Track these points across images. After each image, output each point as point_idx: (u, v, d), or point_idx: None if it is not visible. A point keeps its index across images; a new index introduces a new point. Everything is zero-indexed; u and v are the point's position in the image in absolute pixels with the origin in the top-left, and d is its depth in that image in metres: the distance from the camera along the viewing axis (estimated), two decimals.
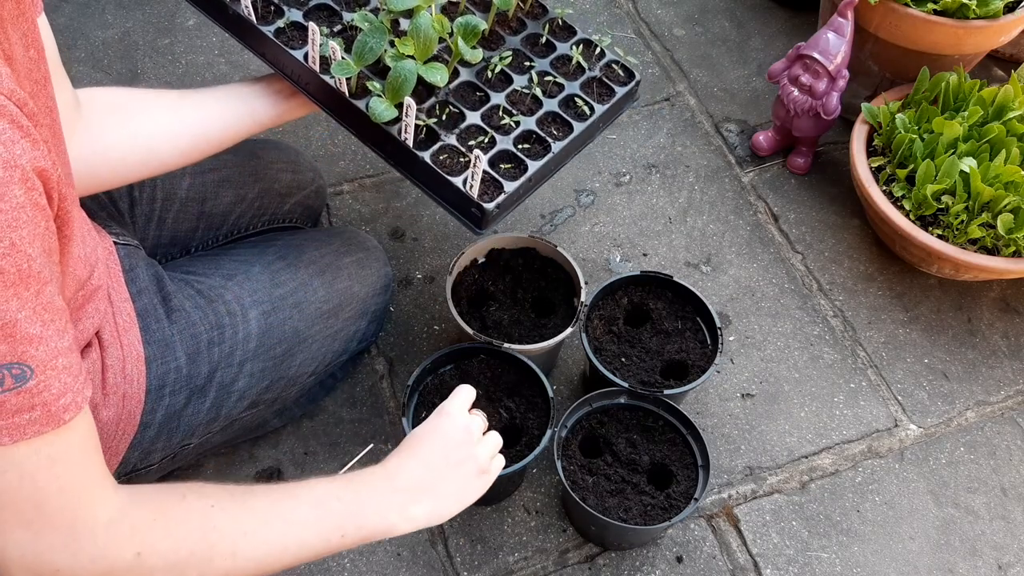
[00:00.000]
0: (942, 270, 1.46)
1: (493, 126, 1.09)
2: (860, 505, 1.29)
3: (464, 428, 0.94)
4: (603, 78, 1.16)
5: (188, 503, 0.74)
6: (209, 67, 1.74)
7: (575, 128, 1.10)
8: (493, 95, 1.11)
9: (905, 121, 1.44)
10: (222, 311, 1.07)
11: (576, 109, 1.13)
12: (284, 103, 1.10)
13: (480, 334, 1.22)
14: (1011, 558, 1.26)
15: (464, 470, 0.93)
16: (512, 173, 1.06)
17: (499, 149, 1.07)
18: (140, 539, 0.70)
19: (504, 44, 1.16)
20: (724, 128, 1.72)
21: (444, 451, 0.92)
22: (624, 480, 1.16)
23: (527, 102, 1.12)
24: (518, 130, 1.09)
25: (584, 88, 1.15)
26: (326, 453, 1.30)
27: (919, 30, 1.45)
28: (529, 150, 1.08)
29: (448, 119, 1.08)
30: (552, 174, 1.12)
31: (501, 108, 1.11)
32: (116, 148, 1.00)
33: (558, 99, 1.13)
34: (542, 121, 1.11)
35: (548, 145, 1.08)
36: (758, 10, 1.91)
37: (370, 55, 1.01)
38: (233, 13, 1.07)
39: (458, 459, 0.92)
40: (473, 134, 1.08)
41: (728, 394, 1.39)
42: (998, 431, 1.38)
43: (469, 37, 1.06)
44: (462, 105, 1.09)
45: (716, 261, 1.53)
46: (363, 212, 1.56)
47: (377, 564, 1.21)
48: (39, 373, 0.61)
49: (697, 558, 1.23)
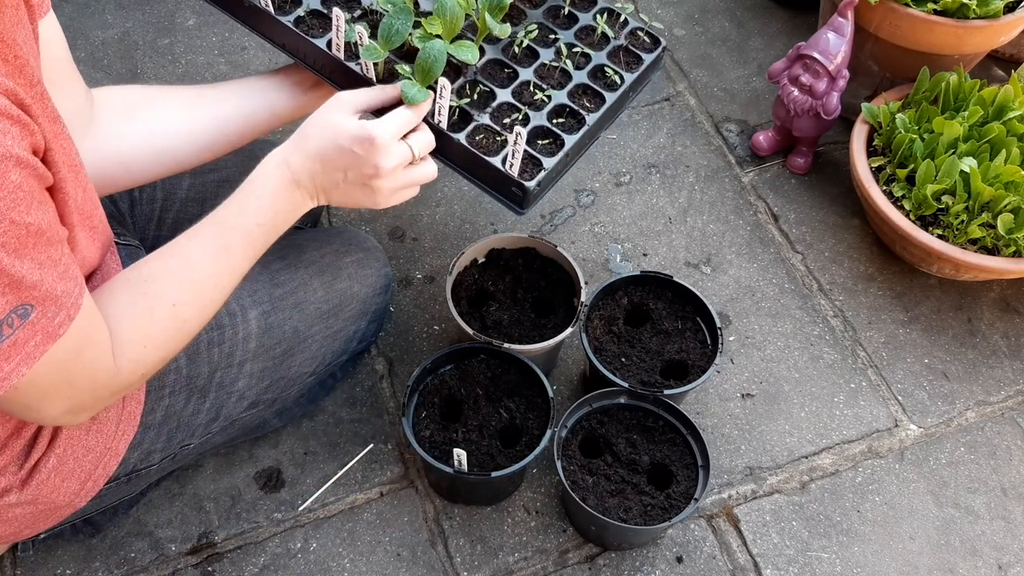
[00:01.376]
0: (942, 270, 1.46)
1: (525, 102, 1.07)
2: (860, 505, 1.29)
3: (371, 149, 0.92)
4: (629, 46, 1.15)
5: (158, 315, 0.88)
6: (209, 67, 1.74)
7: (607, 99, 1.09)
8: (521, 71, 1.10)
9: (905, 121, 1.44)
10: (222, 312, 1.07)
11: (606, 79, 1.12)
12: (303, 95, 1.09)
13: (480, 334, 1.22)
14: (1011, 558, 1.26)
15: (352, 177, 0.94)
16: (550, 149, 1.05)
17: (534, 125, 1.05)
18: (142, 366, 0.87)
19: (527, 18, 1.15)
20: (724, 128, 1.72)
21: (338, 156, 0.93)
22: (624, 480, 1.16)
23: (556, 76, 1.11)
24: (550, 104, 1.08)
25: (611, 57, 1.14)
26: (326, 453, 1.30)
27: (919, 30, 1.45)
28: (564, 124, 1.07)
29: (479, 98, 1.06)
30: (588, 147, 1.11)
31: (531, 84, 1.09)
32: (132, 147, 1.01)
33: (586, 70, 1.12)
34: (573, 94, 1.10)
35: (582, 118, 1.07)
36: (758, 10, 1.91)
37: (397, 37, 0.99)
38: (249, 4, 1.06)
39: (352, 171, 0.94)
40: (506, 112, 1.06)
41: (728, 394, 1.39)
42: (998, 431, 1.38)
43: (496, 12, 1.04)
44: (492, 83, 1.08)
45: (716, 261, 1.53)
46: (363, 212, 1.56)
47: (377, 564, 1.21)
48: (38, 307, 0.71)
49: (697, 558, 1.23)
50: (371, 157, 0.92)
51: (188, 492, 1.26)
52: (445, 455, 1.14)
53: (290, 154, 0.94)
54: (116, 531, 1.22)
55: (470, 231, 1.54)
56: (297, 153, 0.93)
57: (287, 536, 1.23)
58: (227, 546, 1.22)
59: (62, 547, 1.20)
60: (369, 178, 0.93)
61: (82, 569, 1.19)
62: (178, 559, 1.21)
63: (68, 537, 1.19)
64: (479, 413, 1.20)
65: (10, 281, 0.68)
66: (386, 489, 1.28)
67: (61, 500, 0.97)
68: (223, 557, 1.21)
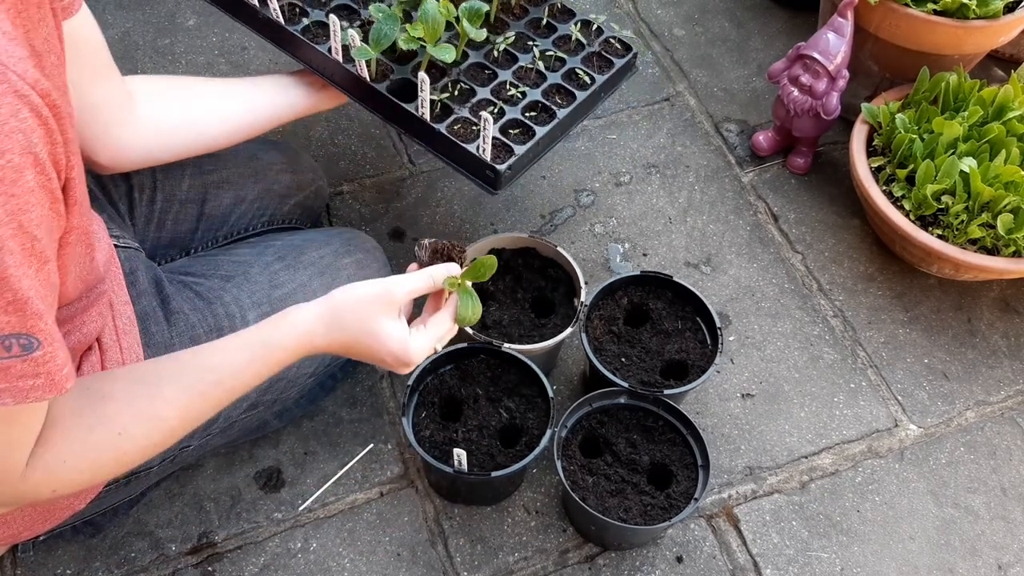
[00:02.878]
0: (942, 270, 1.46)
1: (502, 99, 1.19)
2: (860, 505, 1.29)
3: (401, 361, 0.94)
4: (602, 52, 1.26)
5: (96, 434, 0.79)
6: (209, 67, 1.74)
7: (577, 96, 1.21)
8: (500, 72, 1.22)
9: (905, 121, 1.44)
10: (220, 313, 1.07)
11: (578, 80, 1.23)
12: (316, 94, 1.19)
13: (480, 334, 1.22)
14: (1011, 558, 1.26)
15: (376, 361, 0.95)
16: (521, 138, 1.16)
17: (508, 118, 1.17)
18: (54, 482, 0.77)
19: (508, 29, 1.27)
20: (724, 128, 1.72)
21: (369, 354, 0.94)
22: (624, 480, 1.16)
23: (532, 76, 1.23)
24: (525, 100, 1.19)
25: (584, 62, 1.25)
26: (326, 453, 1.30)
27: (919, 30, 1.45)
28: (536, 117, 1.19)
29: (460, 95, 1.18)
30: (559, 140, 1.22)
31: (508, 83, 1.21)
32: (172, 130, 1.08)
33: (560, 72, 1.23)
34: (547, 92, 1.21)
35: (553, 112, 1.19)
36: (758, 10, 1.91)
37: (385, 40, 1.12)
38: (263, 16, 1.19)
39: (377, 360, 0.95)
40: (484, 106, 1.18)
41: (728, 394, 1.39)
42: (998, 431, 1.38)
43: (474, 19, 1.16)
44: (472, 83, 1.20)
45: (716, 261, 1.53)
46: (363, 212, 1.56)
47: (377, 564, 1.21)
48: (46, 345, 0.66)
49: (697, 558, 1.23)
50: (399, 366, 0.95)
51: (188, 492, 1.26)
52: (445, 455, 1.15)
53: (316, 330, 0.90)
54: (116, 531, 1.22)
55: (470, 231, 1.54)
56: (324, 333, 0.91)
57: (287, 536, 1.23)
58: (227, 546, 1.22)
59: (62, 547, 1.21)
60: (389, 367, 0.96)
61: (82, 569, 1.19)
62: (178, 559, 1.21)
63: (68, 538, 1.19)
64: (479, 413, 1.20)
65: (14, 299, 0.62)
66: (386, 489, 1.28)
67: (60, 502, 0.97)
68: (223, 557, 1.21)
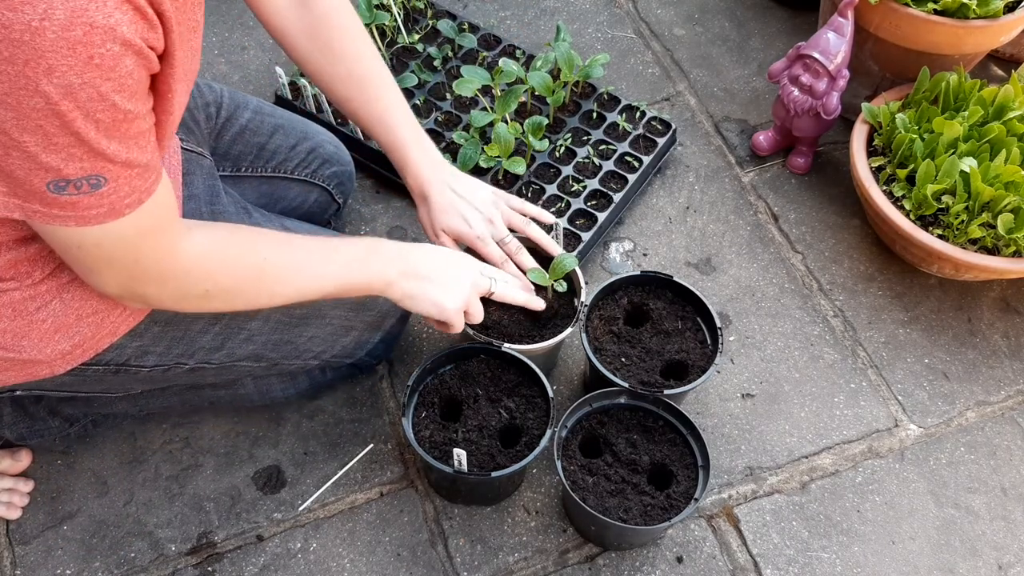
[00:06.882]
0: (942, 270, 1.46)
1: (567, 192, 1.50)
2: (860, 505, 1.29)
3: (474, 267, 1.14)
4: (646, 134, 1.57)
5: (247, 257, 0.97)
6: (209, 67, 1.74)
7: (629, 180, 1.52)
8: (563, 168, 1.53)
9: (905, 121, 1.44)
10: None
11: (628, 164, 1.55)
12: None
13: (480, 334, 1.22)
14: (1011, 558, 1.26)
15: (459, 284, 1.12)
16: (586, 226, 1.46)
17: (574, 209, 1.48)
18: (211, 281, 0.94)
19: (565, 126, 1.58)
20: (724, 128, 1.72)
21: (449, 266, 1.12)
22: (624, 480, 1.16)
23: (589, 168, 1.53)
24: (586, 191, 1.50)
25: (632, 145, 1.56)
26: (326, 453, 1.30)
27: (919, 30, 1.45)
28: (596, 204, 1.49)
29: (532, 195, 1.49)
30: (618, 216, 1.52)
31: (570, 177, 1.52)
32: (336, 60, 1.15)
33: (612, 159, 1.54)
34: (603, 179, 1.52)
35: (610, 198, 1.49)
36: (758, 10, 1.91)
37: (470, 161, 1.46)
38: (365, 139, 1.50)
39: (456, 275, 1.12)
40: (552, 202, 1.48)
41: (728, 394, 1.39)
42: (998, 431, 1.38)
43: (536, 131, 1.50)
44: (541, 182, 1.51)
45: (716, 261, 1.53)
46: (363, 212, 1.56)
47: (377, 564, 1.21)
48: (111, 181, 0.77)
49: (697, 558, 1.23)
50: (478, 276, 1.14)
51: (188, 492, 1.26)
52: (445, 455, 1.14)
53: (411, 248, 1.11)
54: (116, 531, 1.22)
55: None
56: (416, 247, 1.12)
57: (287, 536, 1.23)
58: (227, 546, 1.22)
59: (62, 547, 1.21)
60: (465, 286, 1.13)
61: (82, 569, 1.19)
62: (178, 559, 1.21)
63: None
64: (479, 413, 1.20)
65: (93, 152, 0.74)
66: (386, 489, 1.28)
67: (43, 355, 0.97)
68: (223, 557, 1.21)
